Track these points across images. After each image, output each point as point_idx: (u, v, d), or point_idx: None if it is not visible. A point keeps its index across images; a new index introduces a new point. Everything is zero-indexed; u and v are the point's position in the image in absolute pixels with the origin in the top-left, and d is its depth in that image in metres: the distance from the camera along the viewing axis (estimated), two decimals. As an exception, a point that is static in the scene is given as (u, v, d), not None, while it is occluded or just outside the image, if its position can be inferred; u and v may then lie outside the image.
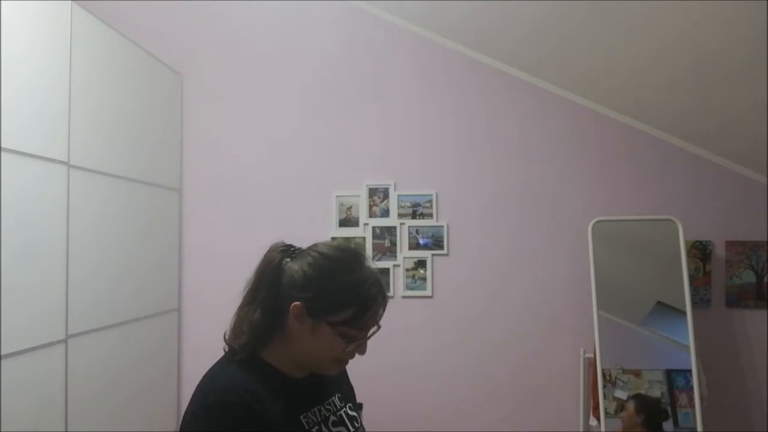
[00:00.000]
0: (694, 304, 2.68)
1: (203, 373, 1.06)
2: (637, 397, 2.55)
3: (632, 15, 2.12)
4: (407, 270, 3.01)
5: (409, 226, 3.02)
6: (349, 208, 3.06)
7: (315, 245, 1.08)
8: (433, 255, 3.00)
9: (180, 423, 1.03)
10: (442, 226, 3.01)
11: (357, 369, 1.28)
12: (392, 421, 2.91)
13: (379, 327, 1.06)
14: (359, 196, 3.06)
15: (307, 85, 3.11)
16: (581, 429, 2.86)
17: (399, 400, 2.96)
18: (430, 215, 3.02)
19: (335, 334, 1.01)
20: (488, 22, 2.68)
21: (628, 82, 2.68)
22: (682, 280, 2.62)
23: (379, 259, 3.00)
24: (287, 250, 1.08)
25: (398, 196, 3.04)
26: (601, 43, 2.43)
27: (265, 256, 1.09)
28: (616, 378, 2.61)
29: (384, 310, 1.06)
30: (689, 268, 2.71)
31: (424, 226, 3.01)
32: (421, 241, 3.01)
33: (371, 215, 3.04)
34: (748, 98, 2.31)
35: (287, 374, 1.06)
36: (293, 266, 1.04)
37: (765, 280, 2.84)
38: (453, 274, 2.99)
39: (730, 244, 2.87)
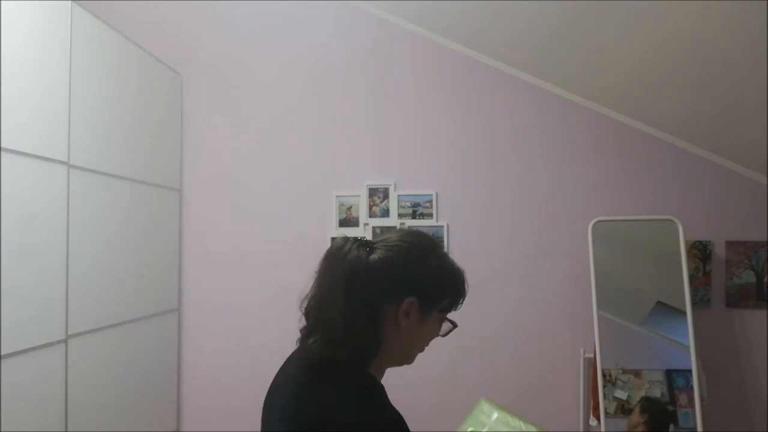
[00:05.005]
0: (694, 304, 2.68)
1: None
2: (643, 399, 2.54)
3: (633, 13, 2.11)
4: (407, 270, 3.01)
5: (409, 227, 3.02)
6: (349, 208, 3.06)
7: (387, 238, 0.99)
8: (433, 255, 3.00)
9: None
10: (442, 226, 3.01)
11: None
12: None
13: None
14: (359, 196, 3.06)
15: (306, 85, 3.11)
16: (581, 429, 2.86)
17: (396, 402, 2.96)
18: (430, 215, 3.02)
19: (438, 321, 1.00)
20: (486, 21, 2.67)
21: (627, 82, 2.68)
22: (682, 280, 2.62)
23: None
24: (364, 243, 0.96)
25: (398, 196, 3.04)
26: (602, 43, 2.43)
27: (335, 251, 0.96)
28: (616, 378, 2.61)
29: None
30: (689, 268, 2.71)
31: (424, 226, 3.01)
32: (421, 241, 3.01)
33: (371, 215, 3.04)
34: (748, 98, 2.31)
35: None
36: (383, 259, 0.94)
37: (765, 280, 2.84)
38: (453, 274, 2.99)
39: (730, 244, 2.86)
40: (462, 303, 1.02)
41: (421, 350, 1.04)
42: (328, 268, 0.96)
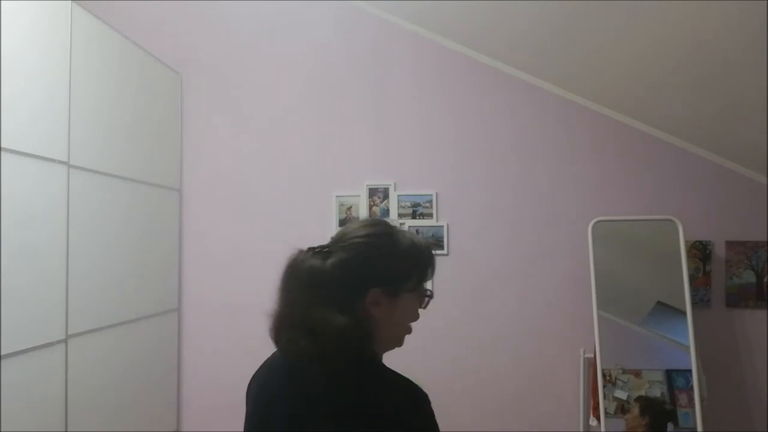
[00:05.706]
0: (694, 304, 2.68)
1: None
2: (641, 399, 2.54)
3: (633, 13, 2.11)
4: (407, 270, 3.00)
5: (409, 227, 3.01)
6: (349, 208, 3.06)
7: (343, 236, 1.04)
8: (433, 255, 3.00)
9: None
10: (442, 226, 3.01)
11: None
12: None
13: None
14: (359, 196, 3.06)
15: (306, 85, 3.11)
16: (581, 429, 2.86)
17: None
18: (430, 215, 3.02)
19: (415, 298, 1.05)
20: (486, 21, 2.68)
21: (627, 82, 2.68)
22: (682, 280, 2.62)
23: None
24: (319, 251, 1.02)
25: (398, 196, 3.04)
26: (602, 43, 2.43)
27: (291, 265, 1.03)
28: (616, 378, 2.61)
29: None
30: (689, 268, 2.71)
31: (424, 226, 3.01)
32: (421, 241, 3.01)
33: (371, 215, 3.04)
34: (748, 98, 2.31)
35: None
36: (339, 261, 0.99)
37: (765, 280, 2.84)
38: (453, 275, 2.99)
39: (730, 244, 2.86)
40: (432, 273, 1.08)
41: (409, 331, 1.08)
42: (288, 284, 1.03)
